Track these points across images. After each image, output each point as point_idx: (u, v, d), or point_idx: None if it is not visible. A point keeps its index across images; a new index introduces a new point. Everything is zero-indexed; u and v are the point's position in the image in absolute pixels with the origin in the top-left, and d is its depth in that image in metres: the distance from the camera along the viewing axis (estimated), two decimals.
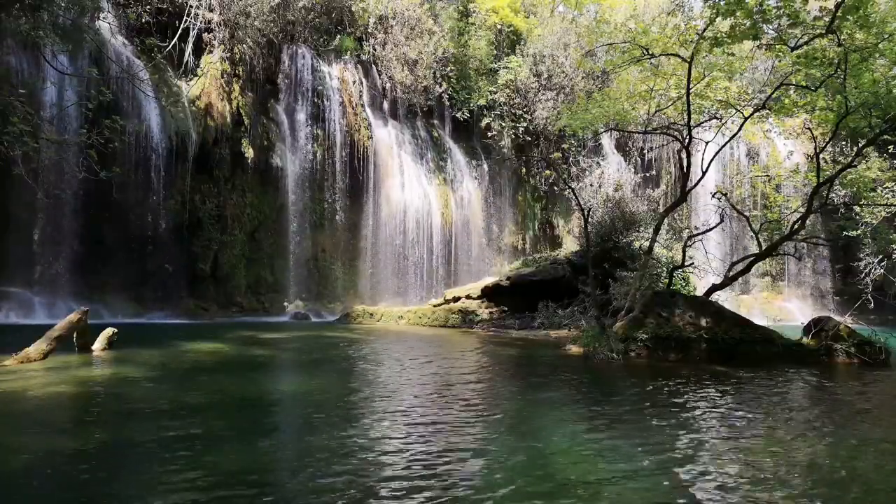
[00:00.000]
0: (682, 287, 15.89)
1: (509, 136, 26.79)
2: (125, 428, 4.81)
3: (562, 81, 26.56)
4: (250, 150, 20.76)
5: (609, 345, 9.77)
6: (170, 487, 3.47)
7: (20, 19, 12.89)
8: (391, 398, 6.41)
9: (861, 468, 4.22)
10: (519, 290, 17.68)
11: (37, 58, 15.48)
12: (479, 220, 26.30)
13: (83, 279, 16.90)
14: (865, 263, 20.49)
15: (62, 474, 3.77)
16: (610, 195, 19.35)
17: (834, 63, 10.15)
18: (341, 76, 23.46)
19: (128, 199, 17.61)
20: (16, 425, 4.94)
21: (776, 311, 25.52)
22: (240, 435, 4.75)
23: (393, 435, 4.76)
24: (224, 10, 20.42)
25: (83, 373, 7.47)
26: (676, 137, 14.07)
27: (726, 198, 13.99)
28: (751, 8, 9.97)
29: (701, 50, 11.38)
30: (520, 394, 6.98)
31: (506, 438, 4.76)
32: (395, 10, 24.59)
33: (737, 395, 6.97)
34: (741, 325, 10.55)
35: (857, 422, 5.78)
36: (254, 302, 20.64)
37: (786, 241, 12.89)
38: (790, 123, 24.07)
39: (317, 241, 22.48)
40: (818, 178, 11.77)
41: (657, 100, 13.91)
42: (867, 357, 9.72)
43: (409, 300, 22.41)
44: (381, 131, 24.23)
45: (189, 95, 19.58)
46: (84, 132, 12.25)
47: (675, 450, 4.49)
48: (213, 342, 11.24)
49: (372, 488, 3.54)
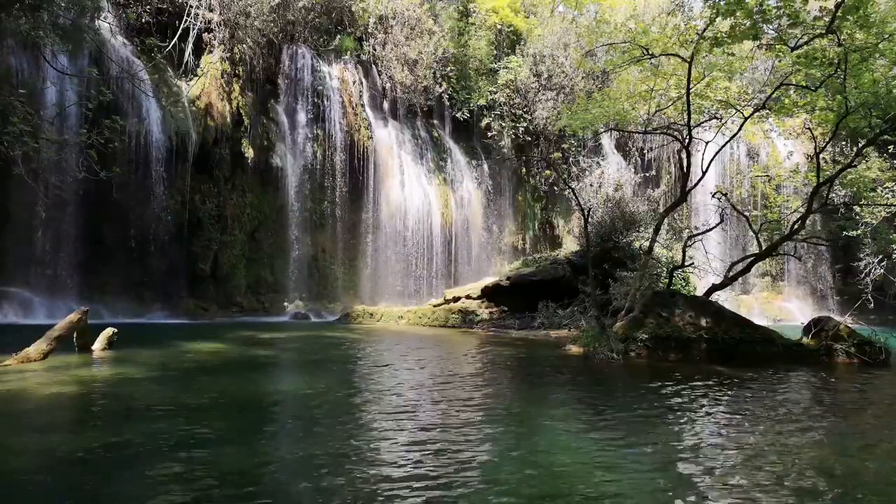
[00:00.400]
0: (682, 287, 15.88)
1: (509, 136, 26.78)
2: (125, 428, 4.81)
3: (562, 81, 26.56)
4: (250, 150, 20.76)
5: (609, 345, 9.77)
6: (170, 488, 3.47)
7: (20, 19, 12.88)
8: (391, 398, 6.41)
9: (861, 468, 4.22)
10: (519, 290, 17.67)
11: (37, 58, 15.47)
12: (479, 220, 26.29)
13: (83, 279, 16.90)
14: (865, 263, 20.49)
15: (62, 474, 3.77)
16: (610, 195, 19.35)
17: (834, 63, 10.15)
18: (341, 76, 23.46)
19: (128, 199, 17.60)
20: (16, 425, 4.94)
21: (776, 311, 25.51)
22: (240, 435, 4.75)
23: (393, 435, 4.76)
24: (224, 10, 20.42)
25: (83, 373, 7.47)
26: (676, 137, 14.07)
27: (726, 198, 13.99)
28: (751, 8, 9.96)
29: (701, 50, 11.38)
30: (520, 394, 6.97)
31: (506, 438, 4.76)
32: (395, 10, 24.59)
33: (737, 395, 6.97)
34: (741, 325, 10.55)
35: (857, 422, 5.78)
36: (254, 302, 20.64)
37: (786, 241, 12.89)
38: (790, 123, 24.06)
39: (317, 241, 22.48)
40: (818, 178, 11.76)
41: (657, 100, 13.91)
42: (867, 357, 9.72)
43: (408, 300, 22.41)
44: (381, 131, 24.23)
45: (189, 95, 19.58)
46: (84, 132, 12.24)
47: (675, 450, 4.49)
48: (213, 342, 11.24)
49: (372, 488, 3.54)
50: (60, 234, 16.81)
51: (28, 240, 16.32)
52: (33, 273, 16.36)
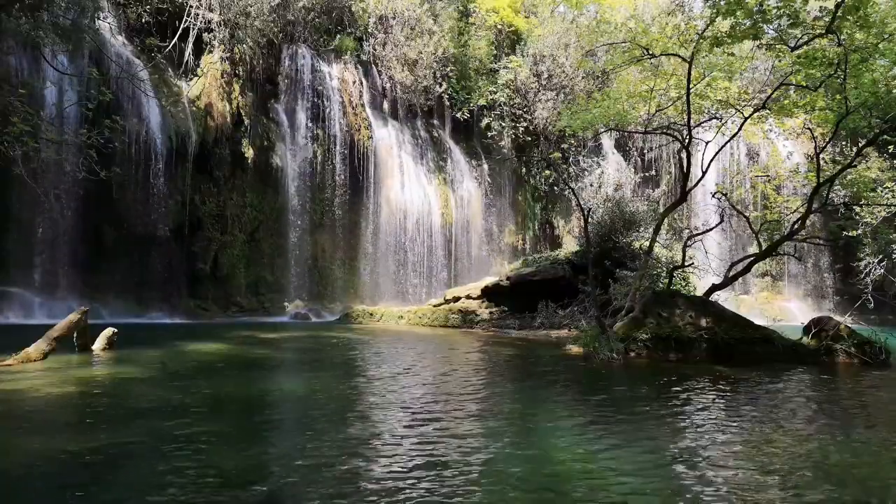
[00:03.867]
0: (682, 287, 15.88)
1: (509, 136, 26.78)
2: (125, 428, 4.81)
3: (562, 81, 26.55)
4: (250, 150, 20.77)
5: (609, 345, 9.77)
6: (170, 488, 3.47)
7: (20, 19, 12.90)
8: (391, 398, 6.41)
9: (862, 468, 4.22)
10: (519, 290, 17.67)
11: (37, 58, 15.48)
12: (479, 220, 26.30)
13: (83, 279, 16.90)
14: (865, 263, 20.49)
15: (62, 475, 3.77)
16: (610, 195, 19.38)
17: (834, 63, 10.15)
18: (341, 76, 23.46)
19: (128, 199, 17.62)
20: (16, 425, 4.94)
21: (776, 311, 25.49)
22: (240, 435, 4.75)
23: (392, 435, 4.76)
24: (224, 10, 20.43)
25: (83, 373, 7.47)
26: (676, 137, 14.07)
27: (726, 198, 14.00)
28: (751, 8, 9.97)
29: (701, 50, 11.38)
30: (520, 394, 6.97)
31: (506, 438, 4.76)
32: (395, 10, 24.59)
33: (737, 394, 6.97)
34: (741, 325, 10.54)
35: (857, 421, 5.78)
36: (254, 302, 20.65)
37: (786, 241, 12.88)
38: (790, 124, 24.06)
39: (317, 241, 22.48)
40: (818, 179, 11.76)
41: (657, 100, 13.91)
42: (867, 357, 9.71)
43: (409, 300, 22.41)
44: (381, 131, 24.23)
45: (189, 95, 19.59)
46: (84, 132, 12.27)
47: (675, 450, 4.49)
48: (213, 342, 11.24)
49: (372, 488, 3.54)
50: (60, 235, 16.81)
51: (28, 240, 16.32)
52: (33, 273, 16.36)
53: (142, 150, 17.91)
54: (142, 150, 17.91)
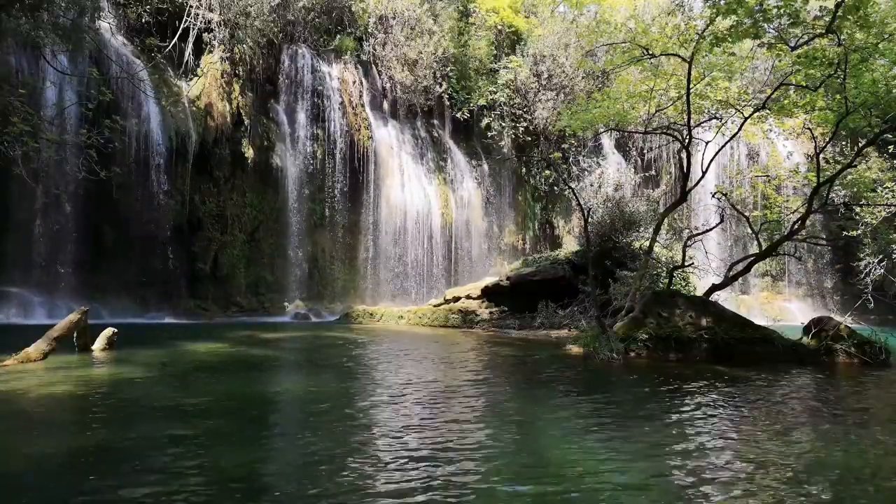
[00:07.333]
0: (682, 287, 15.87)
1: (509, 136, 26.79)
2: (125, 428, 4.81)
3: (562, 81, 26.55)
4: (250, 150, 20.77)
5: (609, 345, 9.77)
6: (170, 488, 3.47)
7: (20, 19, 12.90)
8: (390, 398, 6.41)
9: (862, 468, 4.22)
10: (519, 290, 17.67)
11: (37, 58, 15.49)
12: (479, 220, 26.30)
13: (83, 279, 16.91)
14: (865, 263, 20.49)
15: (62, 474, 3.77)
16: (610, 195, 19.36)
17: (834, 63, 10.14)
18: (341, 76, 23.47)
19: (128, 199, 17.63)
20: (16, 425, 4.94)
21: (776, 311, 25.45)
22: (240, 436, 4.75)
23: (392, 435, 4.76)
24: (224, 10, 20.43)
25: (83, 373, 7.47)
26: (676, 137, 14.06)
27: (726, 198, 13.99)
28: (751, 7, 9.97)
29: (701, 50, 11.38)
30: (519, 394, 6.97)
31: (505, 438, 4.76)
32: (395, 10, 24.60)
33: (737, 395, 6.96)
34: (741, 325, 10.54)
35: (857, 421, 5.78)
36: (254, 302, 20.65)
37: (786, 241, 12.87)
38: (790, 124, 24.05)
39: (317, 241, 22.49)
40: (818, 179, 11.75)
41: (657, 100, 13.90)
42: (867, 357, 9.71)
43: (409, 300, 22.41)
44: (381, 131, 24.24)
45: (189, 95, 19.59)
46: (84, 132, 12.26)
47: (675, 450, 4.49)
48: (214, 342, 11.24)
49: (371, 489, 3.54)
50: (60, 235, 16.82)
51: (28, 240, 16.33)
52: (33, 273, 16.37)
53: (142, 150, 17.91)
54: (142, 150, 17.91)
